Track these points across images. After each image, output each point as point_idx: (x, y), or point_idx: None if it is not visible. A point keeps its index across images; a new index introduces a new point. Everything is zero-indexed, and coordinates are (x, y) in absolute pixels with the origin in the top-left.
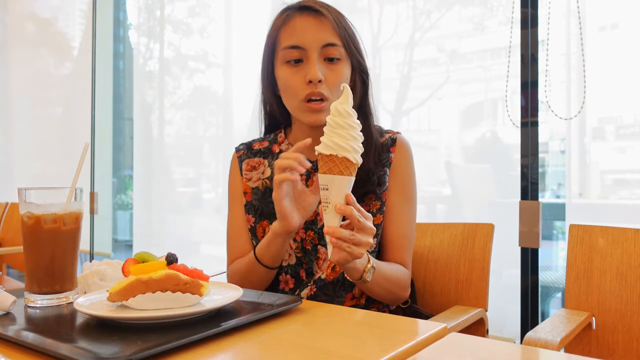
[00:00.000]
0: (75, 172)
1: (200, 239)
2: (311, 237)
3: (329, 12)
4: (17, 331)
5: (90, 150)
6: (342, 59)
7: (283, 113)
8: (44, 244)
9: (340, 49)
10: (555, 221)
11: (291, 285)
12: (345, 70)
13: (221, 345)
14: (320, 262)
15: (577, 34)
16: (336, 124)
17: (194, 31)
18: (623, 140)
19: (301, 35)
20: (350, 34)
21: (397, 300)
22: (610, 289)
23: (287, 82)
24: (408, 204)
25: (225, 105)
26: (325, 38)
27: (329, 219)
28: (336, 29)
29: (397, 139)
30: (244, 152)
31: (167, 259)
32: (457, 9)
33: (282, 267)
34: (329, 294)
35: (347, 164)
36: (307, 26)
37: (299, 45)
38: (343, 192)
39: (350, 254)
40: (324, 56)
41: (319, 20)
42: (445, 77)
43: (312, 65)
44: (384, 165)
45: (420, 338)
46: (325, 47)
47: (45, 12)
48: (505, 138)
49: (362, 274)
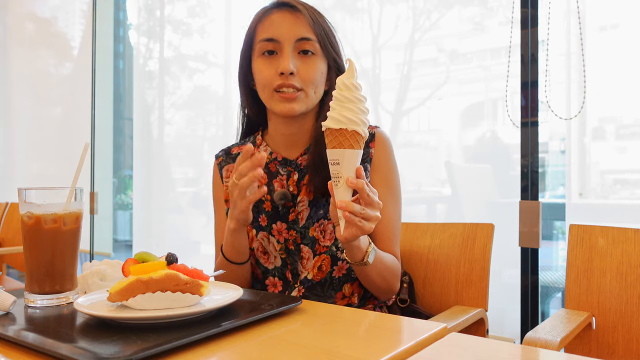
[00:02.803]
0: (75, 172)
1: (200, 239)
2: (293, 237)
3: (305, 8)
4: (17, 331)
5: (90, 150)
6: (316, 54)
7: (259, 113)
8: (44, 244)
9: (315, 44)
10: (555, 221)
11: (279, 287)
12: (319, 65)
13: (221, 345)
14: (305, 262)
15: (577, 34)
16: (345, 98)
17: (194, 31)
18: (623, 140)
19: (277, 28)
20: (327, 32)
21: (389, 291)
22: (610, 289)
23: (261, 73)
24: (392, 196)
25: (225, 105)
26: (300, 32)
27: (340, 193)
28: (311, 25)
29: (376, 134)
30: (223, 159)
31: (167, 259)
32: (457, 9)
33: (269, 271)
34: (318, 294)
35: (357, 137)
36: (283, 21)
37: (274, 37)
38: (354, 166)
39: (361, 229)
40: (298, 49)
41: (294, 15)
42: (445, 77)
43: (285, 57)
44: (365, 160)
45: (420, 338)
46: (299, 41)
47: (45, 12)
48: (505, 138)
49: (364, 254)
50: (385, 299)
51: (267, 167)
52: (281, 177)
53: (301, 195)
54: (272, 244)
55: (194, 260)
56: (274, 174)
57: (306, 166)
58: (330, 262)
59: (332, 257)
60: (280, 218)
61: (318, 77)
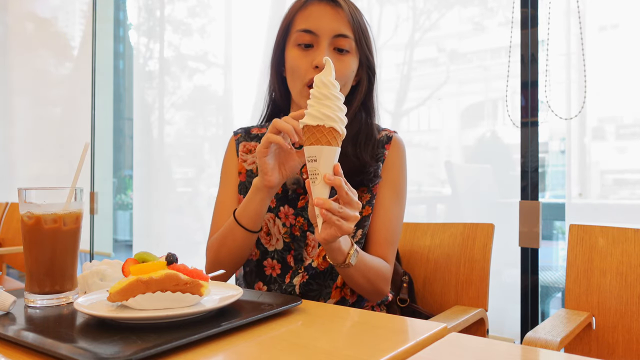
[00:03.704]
0: (75, 172)
1: (201, 239)
2: (300, 224)
3: (346, 4)
4: (17, 331)
5: (90, 150)
6: (351, 52)
7: (285, 98)
8: (44, 244)
9: (351, 42)
10: (555, 221)
11: (278, 270)
12: (352, 64)
13: (221, 345)
14: (310, 249)
15: (577, 34)
16: (322, 95)
17: (194, 31)
18: (623, 140)
19: (316, 21)
20: (364, 30)
21: (377, 294)
22: (610, 289)
23: (295, 63)
24: (398, 200)
25: (225, 105)
26: (339, 28)
27: (317, 190)
28: (350, 22)
29: (393, 138)
30: (242, 135)
31: (167, 259)
32: (457, 9)
33: (268, 252)
34: (320, 282)
35: (335, 134)
36: (323, 14)
37: (312, 30)
38: (331, 163)
39: (339, 229)
40: (334, 46)
41: (335, 10)
42: (445, 77)
43: (321, 52)
44: (378, 160)
45: (420, 338)
46: (336, 37)
47: (45, 12)
48: (505, 138)
49: (346, 256)
50: (374, 301)
51: None
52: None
53: None
54: (277, 226)
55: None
56: None
57: None
58: None
59: None
60: (288, 202)
61: (349, 75)
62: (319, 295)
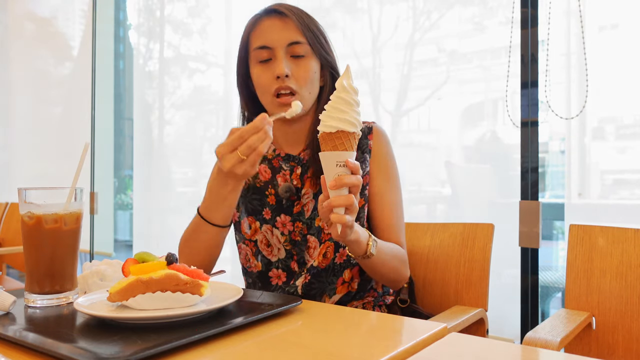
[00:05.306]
0: (75, 172)
1: None
2: (299, 228)
3: (293, 13)
4: (17, 331)
5: (90, 150)
6: (307, 56)
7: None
8: (44, 244)
9: (306, 46)
10: (555, 221)
11: (283, 279)
12: (312, 66)
13: (221, 345)
14: (311, 251)
15: (577, 34)
16: (354, 101)
17: (194, 31)
18: (623, 140)
19: (268, 35)
20: (315, 33)
21: (400, 280)
22: (610, 289)
23: (259, 79)
24: (393, 186)
25: (225, 105)
26: (290, 36)
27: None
28: (300, 28)
29: (374, 127)
30: None
31: (167, 259)
32: (457, 9)
33: (272, 263)
34: (322, 280)
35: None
36: (272, 27)
37: (267, 44)
38: None
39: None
40: (290, 54)
41: (283, 21)
42: (445, 77)
43: (279, 62)
44: (363, 151)
45: (420, 338)
46: (290, 45)
47: (45, 11)
48: (505, 138)
49: (366, 247)
50: (396, 288)
51: (270, 163)
52: (284, 172)
53: (305, 188)
54: (276, 236)
55: None
56: (277, 169)
57: (309, 160)
58: (334, 249)
59: (335, 244)
60: (284, 211)
61: (312, 77)
62: (322, 293)
